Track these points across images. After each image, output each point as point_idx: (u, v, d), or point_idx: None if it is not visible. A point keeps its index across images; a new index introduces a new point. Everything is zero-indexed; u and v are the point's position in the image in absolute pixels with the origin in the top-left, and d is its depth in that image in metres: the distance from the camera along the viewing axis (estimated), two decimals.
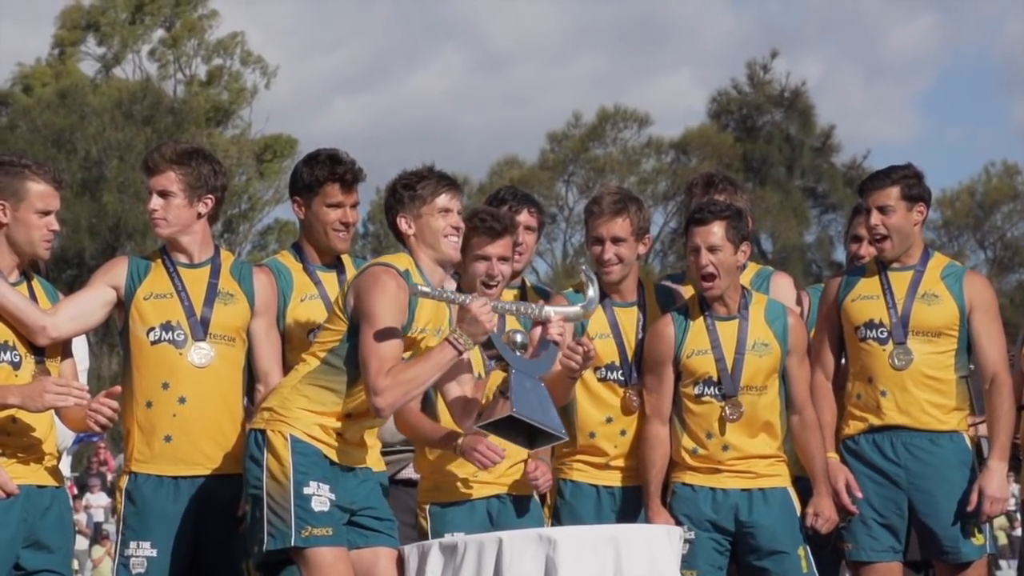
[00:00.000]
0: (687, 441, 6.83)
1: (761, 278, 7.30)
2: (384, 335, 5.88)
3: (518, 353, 6.05)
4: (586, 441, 6.95)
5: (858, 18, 63.20)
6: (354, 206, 6.64)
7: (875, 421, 6.95)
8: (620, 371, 6.95)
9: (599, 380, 6.93)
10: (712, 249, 6.76)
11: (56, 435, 6.27)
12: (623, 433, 6.91)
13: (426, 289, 5.89)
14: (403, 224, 6.14)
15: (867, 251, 7.39)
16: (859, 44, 64.24)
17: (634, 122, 49.28)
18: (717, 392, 6.79)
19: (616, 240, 6.93)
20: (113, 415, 6.05)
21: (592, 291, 6.23)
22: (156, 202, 6.44)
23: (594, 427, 6.94)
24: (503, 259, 6.59)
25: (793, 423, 6.90)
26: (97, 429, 6.09)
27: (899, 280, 7.03)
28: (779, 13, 63.06)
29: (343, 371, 6.00)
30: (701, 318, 6.85)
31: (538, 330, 6.22)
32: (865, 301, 7.01)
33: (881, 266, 7.08)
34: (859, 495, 6.89)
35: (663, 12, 62.42)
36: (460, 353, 5.92)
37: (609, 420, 6.93)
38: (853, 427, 7.02)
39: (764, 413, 6.83)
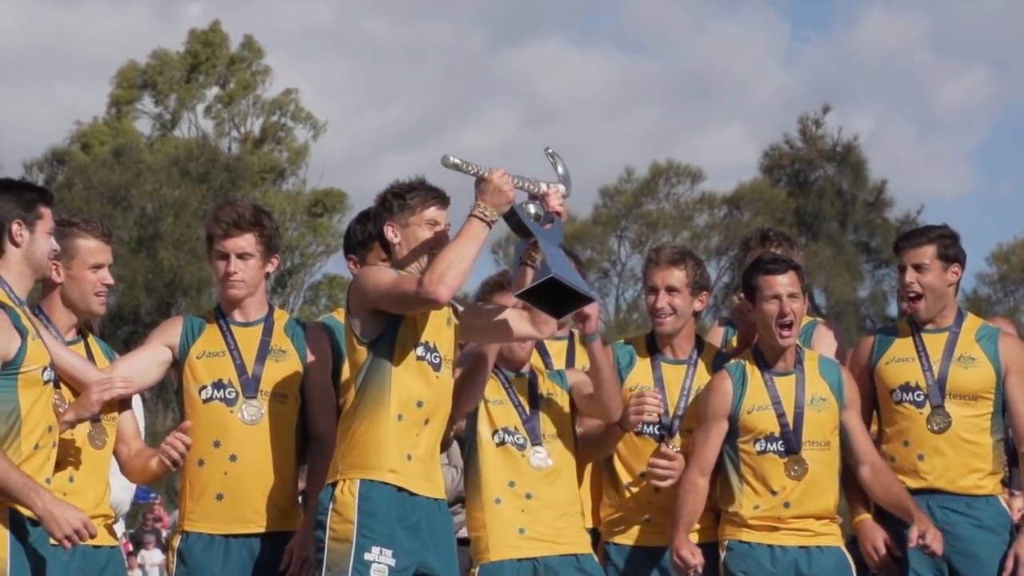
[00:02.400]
0: (748, 498, 6.77)
1: (807, 330, 7.29)
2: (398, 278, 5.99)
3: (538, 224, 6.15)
4: (622, 496, 6.94)
5: (910, 72, 63.17)
6: None
7: (912, 484, 6.89)
8: (658, 426, 6.94)
9: (636, 433, 6.94)
10: (792, 297, 6.77)
11: (111, 496, 6.32)
12: (657, 490, 6.89)
13: (456, 161, 5.95)
14: (390, 232, 6.17)
15: None
16: (911, 98, 64.19)
17: (687, 177, 49.29)
18: (780, 448, 6.76)
19: (670, 289, 6.94)
20: (184, 451, 6.09)
21: (561, 168, 6.34)
22: (237, 264, 6.47)
23: (631, 480, 6.91)
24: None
25: (865, 475, 6.84)
26: (169, 465, 6.11)
27: (934, 342, 6.98)
28: (830, 68, 63.10)
29: (376, 383, 5.99)
30: (759, 374, 6.84)
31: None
32: (900, 364, 6.97)
33: (914, 327, 7.03)
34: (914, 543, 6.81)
35: (714, 67, 62.57)
36: (488, 224, 5.97)
37: (643, 475, 6.91)
38: None
39: (825, 471, 6.78)
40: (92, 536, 5.62)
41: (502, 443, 6.55)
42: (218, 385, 6.39)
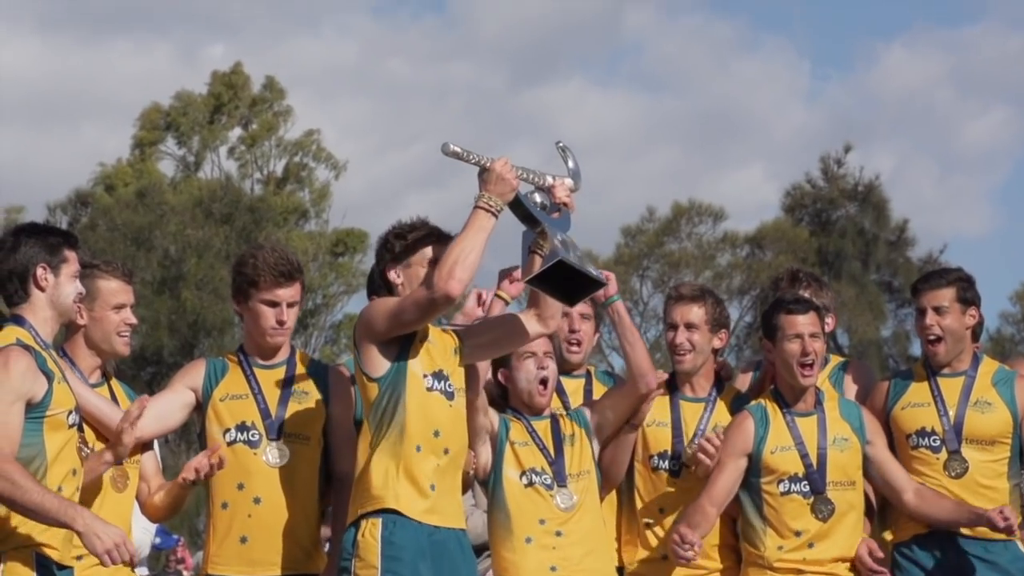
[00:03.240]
0: (771, 539, 6.76)
1: (837, 370, 7.28)
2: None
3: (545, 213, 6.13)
4: (642, 533, 6.94)
5: (931, 112, 63.09)
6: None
7: (926, 530, 6.86)
8: (672, 460, 6.95)
9: (652, 469, 6.95)
10: (814, 336, 6.78)
11: (133, 541, 6.34)
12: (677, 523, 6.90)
13: (457, 149, 5.92)
14: (392, 275, 6.20)
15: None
16: (933, 137, 64.07)
17: (708, 216, 49.25)
18: (805, 489, 6.75)
19: (689, 326, 6.96)
20: (207, 465, 6.10)
21: (571, 162, 6.32)
22: (288, 313, 6.49)
23: (649, 516, 6.94)
24: None
25: (910, 501, 6.80)
26: (194, 476, 6.13)
27: (950, 386, 6.97)
28: (852, 106, 63.03)
29: (390, 417, 5.99)
30: (780, 414, 6.84)
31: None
32: (916, 409, 6.96)
33: (930, 371, 7.03)
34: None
35: (735, 106, 62.58)
36: (493, 215, 5.96)
37: (662, 511, 6.93)
38: (906, 532, 6.95)
39: (851, 512, 6.78)
40: (130, 556, 5.62)
41: (530, 483, 6.59)
42: (241, 428, 6.41)
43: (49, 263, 5.79)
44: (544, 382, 6.68)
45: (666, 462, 6.95)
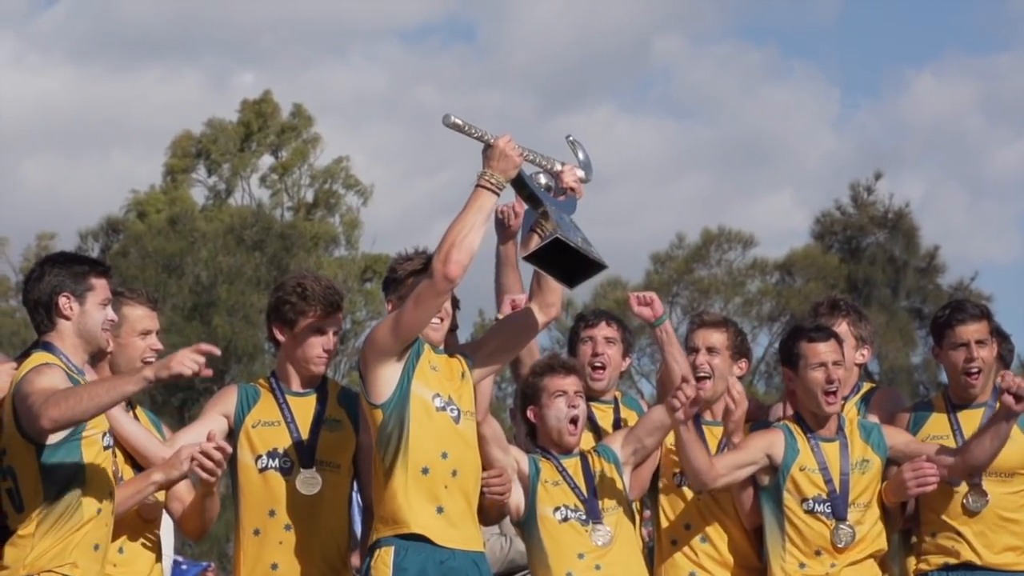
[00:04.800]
0: (793, 556, 6.78)
1: (863, 401, 7.30)
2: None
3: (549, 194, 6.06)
4: (669, 551, 6.98)
5: (961, 139, 62.90)
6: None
7: (951, 560, 6.90)
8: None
9: (677, 486, 6.98)
10: (836, 364, 6.81)
11: (162, 568, 6.39)
12: (703, 540, 6.93)
13: (458, 121, 5.83)
14: (390, 307, 6.29)
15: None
16: (962, 164, 63.90)
17: (738, 243, 49.19)
18: (828, 510, 6.78)
19: (710, 350, 7.01)
20: (221, 461, 6.03)
21: (581, 154, 6.28)
22: (334, 341, 6.55)
23: (676, 534, 6.98)
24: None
25: (957, 463, 6.76)
26: (206, 476, 6.06)
27: (968, 419, 6.97)
28: (881, 134, 62.91)
29: (396, 441, 6.02)
30: (804, 438, 6.87)
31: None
32: (936, 441, 6.95)
33: (949, 404, 7.03)
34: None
35: (764, 133, 62.52)
36: (495, 193, 5.90)
37: (688, 527, 6.96)
38: (927, 564, 6.97)
39: (871, 532, 6.79)
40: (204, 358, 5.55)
41: (565, 519, 6.62)
42: (273, 455, 6.44)
43: (74, 292, 5.85)
44: (575, 421, 6.68)
45: (687, 480, 6.95)
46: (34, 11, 64.23)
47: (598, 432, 7.05)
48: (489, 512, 6.48)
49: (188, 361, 5.49)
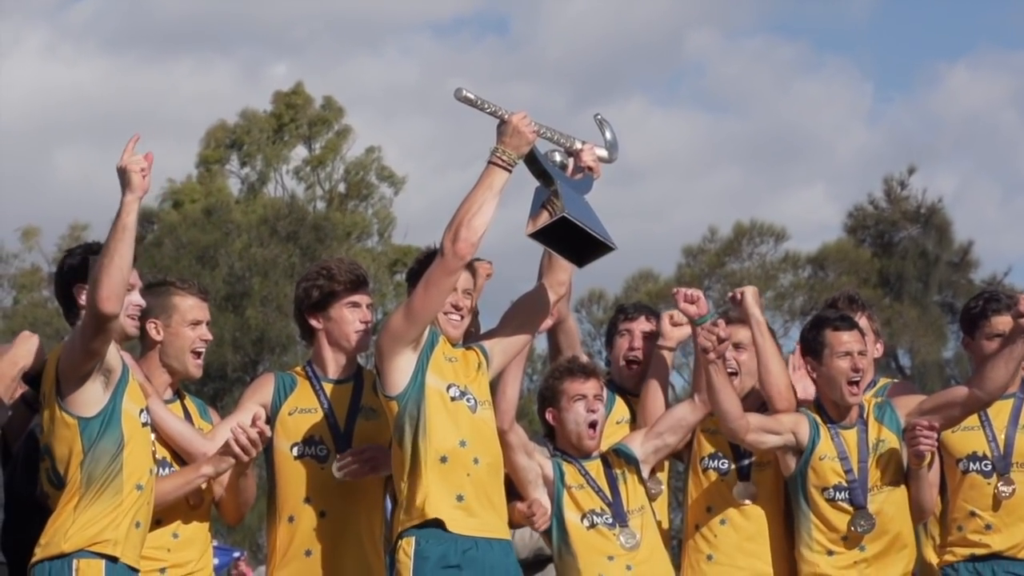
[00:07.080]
0: (819, 543, 6.80)
1: (881, 391, 7.34)
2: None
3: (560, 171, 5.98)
4: (695, 531, 7.02)
5: (995, 133, 62.65)
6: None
7: (978, 551, 6.94)
8: (723, 460, 7.03)
9: (703, 470, 7.03)
10: (862, 354, 6.83)
11: (211, 552, 6.45)
12: (723, 523, 6.97)
13: (470, 95, 5.75)
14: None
15: None
16: (996, 159, 63.66)
17: (770, 236, 49.08)
18: (846, 497, 6.81)
19: (737, 346, 7.03)
20: (256, 440, 6.06)
21: (609, 134, 6.20)
22: (370, 314, 6.56)
23: (699, 518, 7.01)
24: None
25: (976, 392, 6.76)
26: (239, 452, 6.09)
27: (998, 410, 6.99)
28: (914, 128, 62.74)
29: (413, 432, 6.04)
30: (825, 427, 6.89)
31: None
32: (966, 432, 6.99)
33: None
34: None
35: (797, 127, 62.41)
36: (507, 170, 5.83)
37: (709, 510, 6.99)
38: (954, 555, 7.01)
39: (897, 513, 6.80)
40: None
41: (592, 525, 6.66)
42: (309, 442, 6.46)
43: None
44: (593, 425, 6.70)
45: (716, 462, 7.02)
46: (67, 2, 64.61)
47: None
48: (513, 520, 6.52)
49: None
